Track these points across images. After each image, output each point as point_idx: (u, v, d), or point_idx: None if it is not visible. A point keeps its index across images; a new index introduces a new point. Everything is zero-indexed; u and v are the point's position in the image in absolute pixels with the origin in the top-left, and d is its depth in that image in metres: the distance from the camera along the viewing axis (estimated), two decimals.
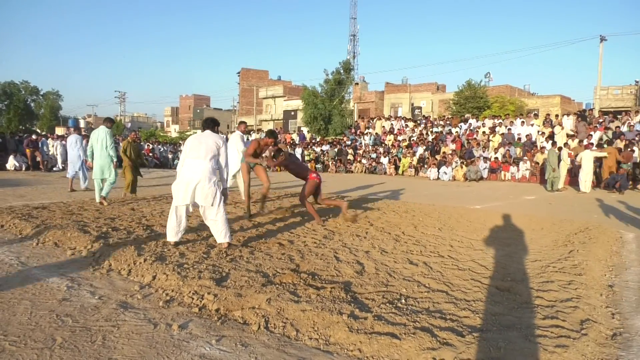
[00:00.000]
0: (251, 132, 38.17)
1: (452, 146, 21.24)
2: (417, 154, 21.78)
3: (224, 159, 4.99)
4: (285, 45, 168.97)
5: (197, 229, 5.95)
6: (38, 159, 19.28)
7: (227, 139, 9.26)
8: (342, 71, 36.48)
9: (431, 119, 27.86)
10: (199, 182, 4.73)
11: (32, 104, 67.33)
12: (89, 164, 8.61)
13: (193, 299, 3.40)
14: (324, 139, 29.56)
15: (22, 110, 64.35)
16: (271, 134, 6.88)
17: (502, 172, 18.52)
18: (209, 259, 4.45)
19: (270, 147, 6.82)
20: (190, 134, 51.90)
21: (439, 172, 19.29)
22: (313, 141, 29.12)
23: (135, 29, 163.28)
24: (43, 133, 30.87)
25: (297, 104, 46.21)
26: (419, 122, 27.24)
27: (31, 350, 2.55)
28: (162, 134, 65.01)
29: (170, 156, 26.41)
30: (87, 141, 9.46)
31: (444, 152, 20.84)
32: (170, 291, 3.59)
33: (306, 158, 25.36)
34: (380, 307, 3.23)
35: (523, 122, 21.54)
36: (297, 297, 3.33)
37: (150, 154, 25.58)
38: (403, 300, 3.42)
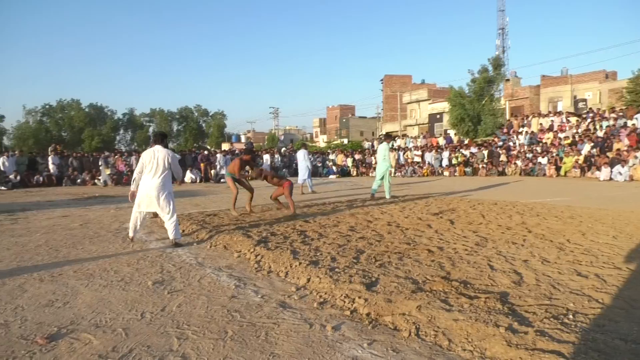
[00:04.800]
0: (396, 138, 38.15)
1: (628, 141, 18.41)
2: (583, 152, 19.39)
3: (175, 167, 6.03)
4: (428, 48, 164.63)
5: (346, 235, 6.15)
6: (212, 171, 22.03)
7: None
8: (490, 68, 34.42)
9: (600, 111, 24.54)
10: (155, 196, 5.78)
11: (203, 125, 77.20)
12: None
13: (345, 302, 3.52)
14: (473, 141, 28.13)
15: (195, 130, 74.37)
16: (248, 151, 9.04)
17: None
18: (359, 264, 4.56)
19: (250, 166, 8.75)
20: (337, 143, 53.99)
21: (611, 172, 16.87)
22: (461, 144, 27.92)
23: (286, 47, 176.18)
24: (212, 149, 35.07)
25: (442, 106, 44.86)
26: (584, 116, 24.23)
27: (208, 340, 2.90)
28: (311, 144, 68.87)
29: (319, 165, 27.65)
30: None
31: (617, 149, 18.15)
32: (324, 294, 3.76)
33: (453, 161, 24.42)
34: (542, 322, 2.95)
35: None
36: (448, 306, 3.23)
37: None
38: (571, 316, 3.07)
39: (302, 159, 14.11)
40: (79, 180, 20.50)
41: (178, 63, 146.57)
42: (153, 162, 5.85)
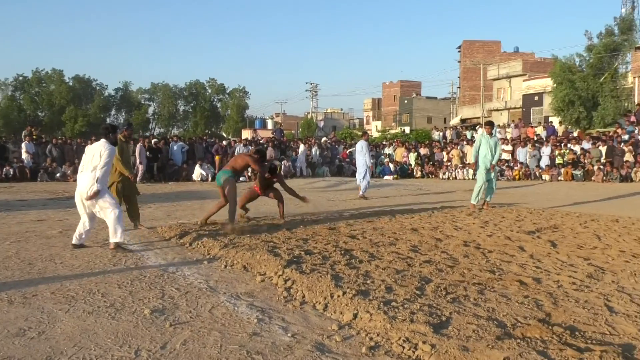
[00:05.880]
0: (477, 127, 37.56)
1: None
2: None
3: (101, 168, 6.61)
4: (523, 4, 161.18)
5: (406, 258, 6.11)
6: None
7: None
8: (615, 31, 33.22)
9: None
10: (85, 196, 6.61)
11: (219, 105, 78.43)
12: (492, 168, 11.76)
13: (404, 347, 3.49)
14: (585, 133, 27.34)
15: (208, 111, 75.56)
16: (257, 151, 9.83)
17: None
18: (424, 296, 4.53)
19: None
20: (395, 132, 53.71)
21: None
22: (568, 136, 27.18)
23: (327, 7, 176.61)
24: (232, 138, 35.69)
25: (543, 84, 43.88)
26: None
27: None
28: (359, 133, 68.80)
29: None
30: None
31: None
32: (375, 335, 3.75)
33: (557, 161, 23.80)
34: None
35: None
36: None
37: (348, 160, 27.27)
38: None
39: (360, 152, 14.37)
40: (58, 174, 21.30)
41: (187, 24, 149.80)
42: (86, 156, 6.79)
